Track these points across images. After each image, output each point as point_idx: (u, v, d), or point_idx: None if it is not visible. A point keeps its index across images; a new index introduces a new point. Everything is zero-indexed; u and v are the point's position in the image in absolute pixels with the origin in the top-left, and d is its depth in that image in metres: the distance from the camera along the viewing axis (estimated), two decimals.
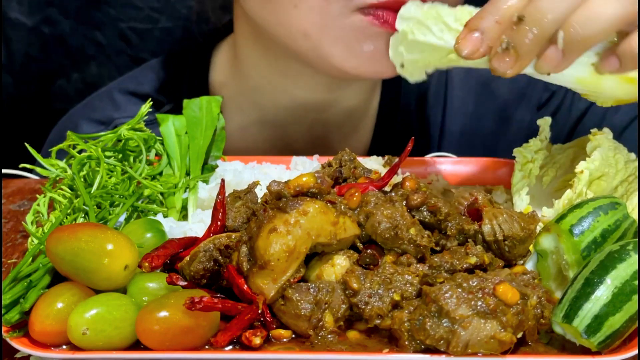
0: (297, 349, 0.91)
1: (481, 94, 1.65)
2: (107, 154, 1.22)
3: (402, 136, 1.45)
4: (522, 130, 1.62)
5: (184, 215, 1.20)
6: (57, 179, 1.20)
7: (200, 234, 1.09)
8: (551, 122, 1.27)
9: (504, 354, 0.88)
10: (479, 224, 1.01)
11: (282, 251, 0.92)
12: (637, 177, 1.16)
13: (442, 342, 0.87)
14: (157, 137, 1.30)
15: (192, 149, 1.29)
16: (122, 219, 1.15)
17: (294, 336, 0.93)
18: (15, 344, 0.91)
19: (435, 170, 1.35)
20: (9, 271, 1.02)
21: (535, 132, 1.26)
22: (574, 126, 1.60)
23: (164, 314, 0.88)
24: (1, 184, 1.38)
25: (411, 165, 1.34)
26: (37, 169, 1.22)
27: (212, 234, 1.03)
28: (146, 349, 0.90)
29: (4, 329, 0.92)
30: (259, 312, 0.92)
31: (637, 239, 0.94)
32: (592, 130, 1.20)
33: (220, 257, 0.98)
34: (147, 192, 1.20)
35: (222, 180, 1.08)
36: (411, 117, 1.65)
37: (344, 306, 0.94)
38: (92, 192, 1.15)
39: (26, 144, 1.21)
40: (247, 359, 0.89)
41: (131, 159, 1.25)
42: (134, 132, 1.26)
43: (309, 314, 0.92)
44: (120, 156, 1.24)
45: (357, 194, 0.99)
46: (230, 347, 0.91)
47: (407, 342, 0.89)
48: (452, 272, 0.95)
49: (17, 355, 0.95)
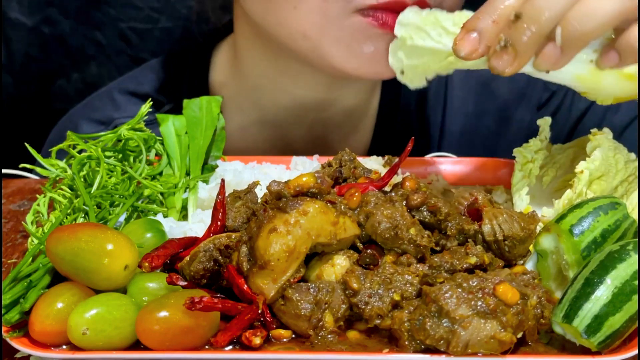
0: (297, 349, 0.91)
1: (481, 94, 1.65)
2: (107, 154, 1.22)
3: (402, 136, 1.45)
4: (522, 130, 1.62)
5: (184, 215, 1.20)
6: (57, 179, 1.20)
7: (200, 234, 1.09)
8: (551, 122, 1.27)
9: (504, 354, 0.88)
10: (479, 224, 1.01)
11: (282, 251, 0.92)
12: (637, 177, 1.16)
13: (442, 342, 0.87)
14: (157, 137, 1.30)
15: (192, 149, 1.29)
16: (122, 219, 1.15)
17: (294, 336, 0.93)
18: (15, 344, 0.90)
19: (435, 170, 1.35)
20: (9, 271, 1.02)
21: (535, 132, 1.26)
22: (574, 126, 1.60)
23: (164, 314, 0.88)
24: (1, 184, 1.38)
25: (411, 165, 1.34)
26: (37, 169, 1.22)
27: (212, 234, 1.03)
28: (146, 349, 0.90)
29: (4, 329, 0.92)
30: (259, 312, 0.92)
31: (637, 239, 0.94)
32: (592, 130, 1.20)
33: (220, 257, 0.98)
34: (147, 192, 1.19)
35: (222, 180, 1.08)
36: (411, 117, 1.64)
37: (344, 306, 0.94)
38: (92, 192, 1.15)
39: (26, 144, 1.21)
40: (247, 359, 0.89)
41: (131, 159, 1.25)
42: (134, 132, 1.25)
43: (309, 314, 0.92)
44: (120, 156, 1.24)
45: (357, 194, 0.99)
46: (230, 347, 0.90)
47: (407, 342, 0.89)
48: (452, 272, 0.95)
49: (17, 355, 0.95)
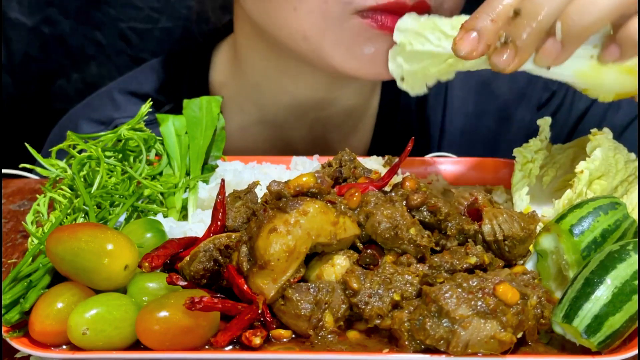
0: (297, 349, 0.91)
1: (481, 93, 1.65)
2: (107, 154, 1.22)
3: (402, 136, 1.45)
4: (522, 130, 1.62)
5: (184, 215, 1.20)
6: (57, 179, 1.20)
7: (200, 234, 1.09)
8: (551, 122, 1.27)
9: (504, 354, 0.87)
10: (479, 224, 1.01)
11: (282, 251, 0.92)
12: (637, 177, 1.16)
13: (442, 342, 0.87)
14: (157, 137, 1.30)
15: (192, 149, 1.29)
16: (122, 219, 1.15)
17: (294, 336, 0.93)
18: (15, 344, 0.90)
19: (435, 170, 1.35)
20: (9, 271, 1.02)
21: (535, 132, 1.26)
22: (574, 126, 1.60)
23: (164, 314, 0.88)
24: (1, 184, 1.38)
25: (411, 165, 1.34)
26: (37, 169, 1.22)
27: (212, 234, 1.03)
28: (146, 349, 0.90)
29: (4, 329, 0.92)
30: (259, 312, 0.92)
31: (637, 239, 0.94)
32: (592, 130, 1.20)
33: (220, 257, 0.98)
34: (147, 192, 1.19)
35: (222, 180, 1.08)
36: (411, 117, 1.64)
37: (344, 306, 0.94)
38: (92, 192, 1.15)
39: (26, 144, 1.21)
40: (247, 359, 0.89)
41: (131, 159, 1.25)
42: (134, 132, 1.25)
43: (309, 314, 0.92)
44: (120, 156, 1.24)
45: (357, 194, 0.99)
46: (230, 347, 0.90)
47: (407, 342, 0.89)
48: (452, 272, 0.95)
49: (17, 355, 0.95)
